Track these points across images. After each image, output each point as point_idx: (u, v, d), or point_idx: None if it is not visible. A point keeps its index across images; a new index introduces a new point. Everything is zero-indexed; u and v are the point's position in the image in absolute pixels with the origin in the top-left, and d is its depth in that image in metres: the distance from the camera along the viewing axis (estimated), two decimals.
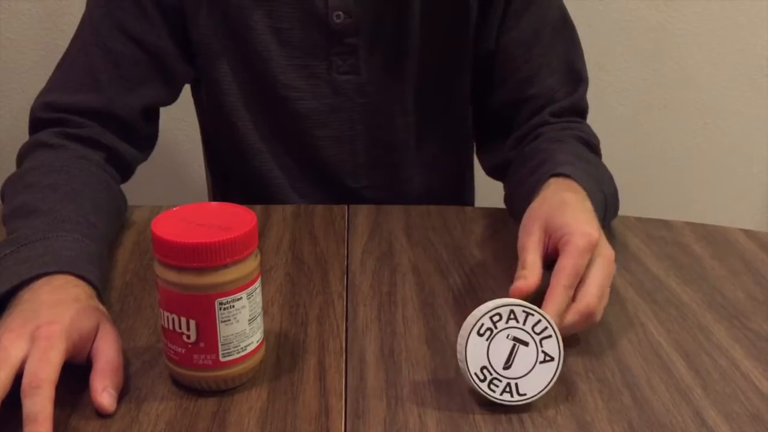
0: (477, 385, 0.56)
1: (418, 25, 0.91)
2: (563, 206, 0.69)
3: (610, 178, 0.85)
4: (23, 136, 0.85)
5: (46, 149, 0.80)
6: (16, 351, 0.54)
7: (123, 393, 0.58)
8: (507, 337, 0.56)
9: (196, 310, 0.55)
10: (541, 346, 0.56)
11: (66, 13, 1.46)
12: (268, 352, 0.62)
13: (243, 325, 0.57)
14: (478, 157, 1.05)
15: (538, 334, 0.56)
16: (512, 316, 0.56)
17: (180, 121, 1.46)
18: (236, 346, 0.57)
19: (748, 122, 1.61)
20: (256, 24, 0.88)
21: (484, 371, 0.56)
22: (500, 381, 0.56)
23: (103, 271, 0.68)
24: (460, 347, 0.56)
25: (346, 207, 0.92)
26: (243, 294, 0.56)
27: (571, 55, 0.93)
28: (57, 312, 0.57)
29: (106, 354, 0.57)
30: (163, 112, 0.93)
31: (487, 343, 0.56)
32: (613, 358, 0.64)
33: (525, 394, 0.56)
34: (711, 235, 0.87)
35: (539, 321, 0.56)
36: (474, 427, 0.55)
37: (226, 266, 0.54)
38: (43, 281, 0.60)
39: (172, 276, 0.54)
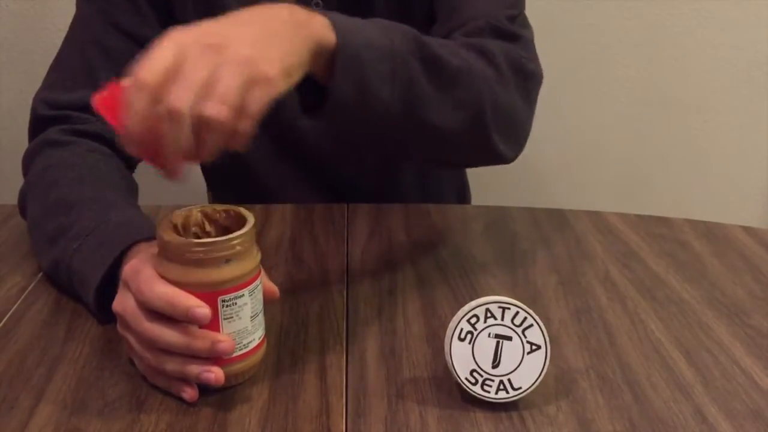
0: (470, 389, 0.56)
1: (384, 2, 0.89)
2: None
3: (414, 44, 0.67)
4: (21, 135, 0.85)
5: (57, 147, 0.80)
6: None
7: (124, 392, 0.58)
8: (489, 335, 0.56)
9: None
10: (525, 336, 0.56)
11: (64, 13, 1.45)
12: (268, 351, 0.62)
13: (245, 321, 0.57)
14: None
15: (519, 326, 0.56)
16: (489, 314, 0.55)
17: None
18: (239, 343, 0.57)
19: (748, 119, 1.61)
20: None
21: (474, 374, 0.56)
22: (492, 380, 0.56)
23: None
24: (446, 355, 0.56)
25: (345, 206, 0.92)
26: (245, 291, 0.56)
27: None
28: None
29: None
30: None
31: (470, 346, 0.56)
32: (614, 356, 0.64)
33: (520, 388, 0.56)
34: (711, 232, 0.88)
35: (517, 313, 0.55)
36: (475, 425, 0.55)
37: (228, 262, 0.54)
38: (132, 253, 0.63)
39: (175, 274, 0.55)
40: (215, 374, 0.55)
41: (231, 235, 0.55)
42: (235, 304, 0.56)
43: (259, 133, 0.95)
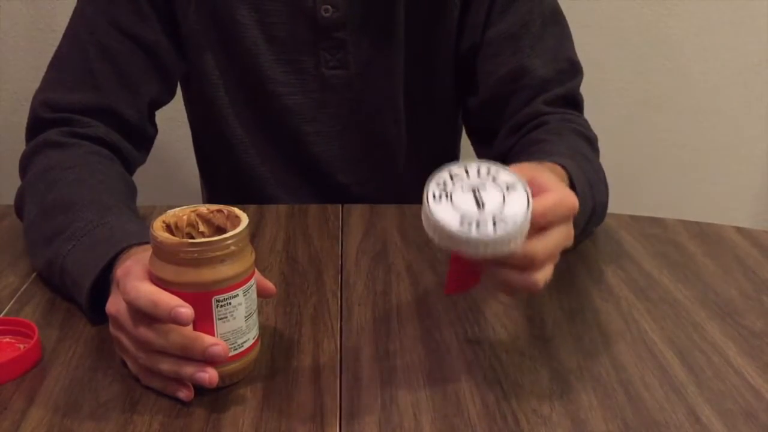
0: (469, 237, 0.52)
1: (403, 16, 0.90)
2: (552, 176, 0.64)
3: (604, 183, 0.82)
4: (17, 137, 0.85)
5: (57, 148, 0.80)
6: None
7: (117, 393, 0.58)
8: (462, 189, 0.55)
9: (193, 308, 0.55)
10: (496, 180, 0.55)
11: (59, 13, 1.45)
12: (262, 352, 0.62)
13: (240, 321, 0.57)
14: (477, 156, 1.03)
15: (487, 175, 0.55)
16: (453, 175, 0.55)
17: (174, 122, 1.46)
18: (233, 343, 0.57)
19: (742, 120, 1.62)
20: (243, 18, 0.88)
21: (465, 221, 0.53)
22: (485, 219, 0.53)
23: None
24: (428, 222, 0.54)
25: (340, 206, 0.92)
26: (239, 291, 0.56)
27: (562, 46, 0.91)
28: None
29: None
30: (158, 112, 0.93)
31: (449, 202, 0.54)
32: (607, 356, 0.64)
33: (515, 221, 0.53)
34: (704, 232, 0.88)
35: (480, 167, 0.55)
36: (469, 425, 0.55)
37: (222, 263, 0.54)
38: (126, 256, 0.63)
39: (168, 274, 0.55)
40: (209, 375, 0.55)
41: (225, 235, 0.55)
42: (230, 304, 0.56)
43: (265, 138, 0.95)
